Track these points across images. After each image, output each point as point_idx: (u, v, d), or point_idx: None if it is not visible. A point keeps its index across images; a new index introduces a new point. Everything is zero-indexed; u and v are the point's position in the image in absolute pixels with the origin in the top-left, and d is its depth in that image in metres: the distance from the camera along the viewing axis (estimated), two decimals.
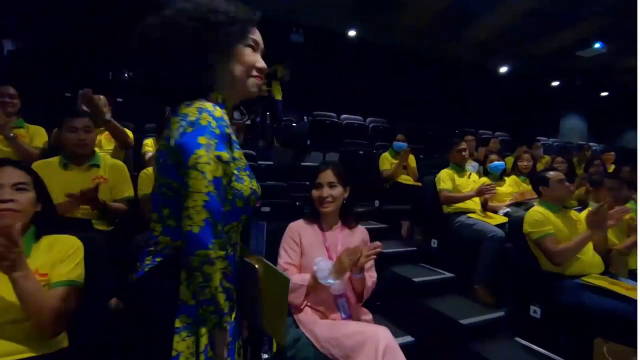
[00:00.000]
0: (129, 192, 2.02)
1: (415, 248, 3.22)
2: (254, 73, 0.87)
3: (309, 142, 5.83)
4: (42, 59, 4.84)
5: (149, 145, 2.88)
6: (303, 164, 5.22)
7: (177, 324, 0.79)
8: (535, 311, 2.22)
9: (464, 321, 2.23)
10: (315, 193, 1.56)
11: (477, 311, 2.40)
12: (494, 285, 2.55)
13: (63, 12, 5.09)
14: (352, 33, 7.60)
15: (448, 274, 2.82)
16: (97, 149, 2.06)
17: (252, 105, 5.53)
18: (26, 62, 4.80)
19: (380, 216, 3.81)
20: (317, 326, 1.34)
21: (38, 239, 1.15)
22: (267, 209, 2.28)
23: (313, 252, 1.49)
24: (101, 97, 2.62)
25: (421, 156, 4.92)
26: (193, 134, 0.74)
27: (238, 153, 0.83)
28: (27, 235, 1.12)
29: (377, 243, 1.39)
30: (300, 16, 6.94)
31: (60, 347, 1.12)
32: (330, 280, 1.36)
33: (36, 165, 1.88)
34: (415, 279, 2.64)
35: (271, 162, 4.40)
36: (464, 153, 3.09)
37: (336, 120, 6.14)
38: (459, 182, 3.04)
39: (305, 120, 6.23)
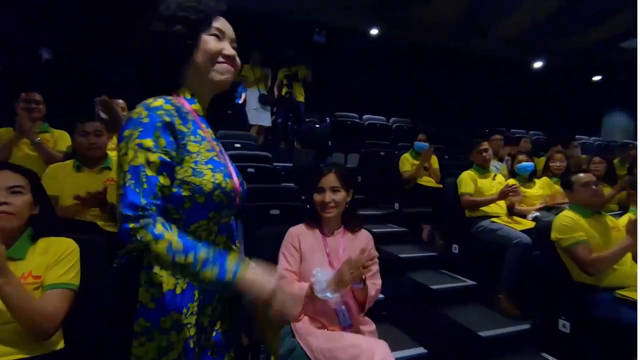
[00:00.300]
0: None
1: (435, 253, 3.07)
2: (220, 60, 0.83)
3: (330, 143, 5.78)
4: (67, 65, 5.09)
5: None
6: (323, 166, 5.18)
7: (136, 327, 0.75)
8: (564, 325, 2.04)
9: (483, 333, 2.09)
10: (317, 197, 1.49)
11: (499, 323, 2.25)
12: (519, 296, 2.38)
13: (82, 18, 5.31)
14: (374, 32, 7.47)
15: (469, 282, 2.66)
16: (110, 152, 2.11)
17: (273, 107, 5.57)
18: (53, 69, 5.07)
19: (400, 219, 3.69)
20: (312, 336, 1.28)
21: (35, 241, 1.17)
22: (276, 211, 2.24)
23: (313, 258, 1.43)
24: (120, 101, 2.69)
25: (446, 157, 4.73)
26: (122, 129, 0.73)
27: (196, 147, 0.78)
28: (23, 238, 1.14)
29: (373, 253, 1.31)
30: (322, 17, 6.91)
31: (54, 349, 1.13)
32: (328, 294, 1.29)
33: (52, 168, 1.95)
34: (433, 286, 2.51)
35: (290, 164, 4.38)
36: (485, 154, 2.91)
37: (358, 120, 6.04)
38: (482, 184, 2.87)
39: (328, 121, 6.18)
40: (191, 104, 0.83)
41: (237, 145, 3.87)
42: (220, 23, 0.84)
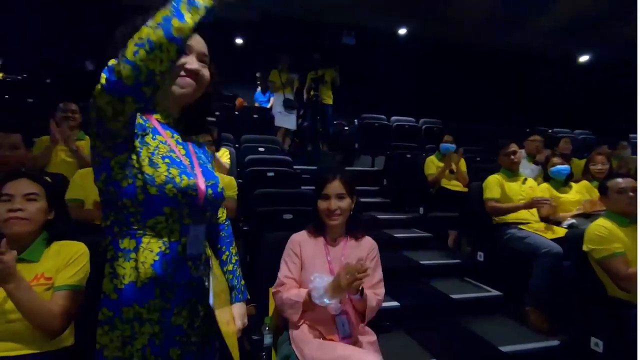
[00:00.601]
0: None
1: (459, 260, 2.94)
2: (181, 74, 0.85)
3: (357, 145, 5.72)
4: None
5: None
6: (350, 168, 5.15)
7: (100, 316, 0.80)
8: (596, 344, 1.87)
9: (505, 348, 1.97)
10: (322, 205, 1.47)
11: (524, 338, 2.11)
12: (548, 309, 2.21)
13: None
14: (402, 31, 7.31)
15: (494, 292, 2.52)
16: None
17: (299, 110, 5.61)
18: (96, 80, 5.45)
19: (424, 224, 3.57)
20: (307, 345, 1.27)
21: (49, 244, 1.25)
22: (289, 216, 2.25)
23: (314, 266, 1.41)
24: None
25: (478, 159, 4.52)
26: None
27: (155, 142, 0.81)
28: (38, 241, 1.22)
29: (368, 264, 1.26)
30: (350, 18, 6.87)
31: (64, 345, 1.20)
32: (326, 300, 1.27)
33: (79, 174, 2.09)
34: (453, 295, 2.40)
35: (314, 167, 4.39)
36: (513, 157, 2.74)
37: (386, 122, 5.93)
38: (510, 189, 2.70)
39: (356, 123, 6.13)
40: (152, 114, 0.87)
41: (261, 149, 3.94)
42: (191, 39, 0.85)
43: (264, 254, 1.69)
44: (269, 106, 5.81)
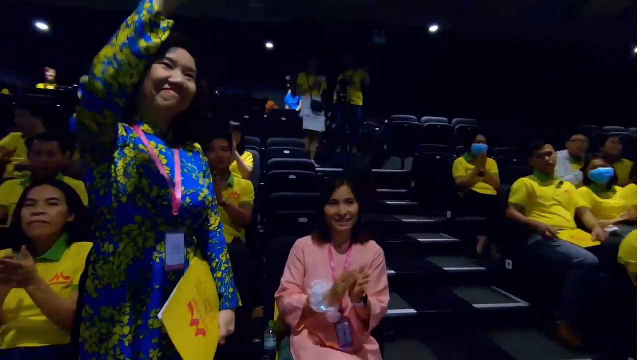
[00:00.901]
0: None
1: (484, 268, 2.80)
2: (165, 87, 0.89)
3: (385, 147, 5.63)
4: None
5: None
6: (378, 170, 5.08)
7: (83, 313, 0.88)
8: None
9: None
10: (330, 210, 1.46)
11: (555, 354, 1.97)
12: (582, 324, 2.05)
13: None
14: (433, 28, 7.08)
15: (522, 303, 2.37)
16: None
17: (327, 112, 5.62)
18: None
19: (452, 229, 3.44)
20: (305, 352, 1.27)
21: (69, 245, 1.36)
22: (304, 219, 2.26)
23: (317, 272, 1.41)
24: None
25: (515, 160, 4.28)
26: None
27: (134, 153, 0.86)
28: (59, 242, 1.33)
29: (366, 272, 1.23)
30: (380, 17, 6.77)
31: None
32: (323, 307, 1.26)
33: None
34: (476, 305, 2.29)
35: (341, 170, 4.38)
36: (547, 158, 2.56)
37: (416, 122, 5.78)
38: (542, 193, 2.53)
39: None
40: (140, 125, 0.92)
41: (286, 152, 4.00)
42: (176, 54, 0.90)
43: (272, 258, 1.71)
44: (298, 109, 5.88)
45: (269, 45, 7.95)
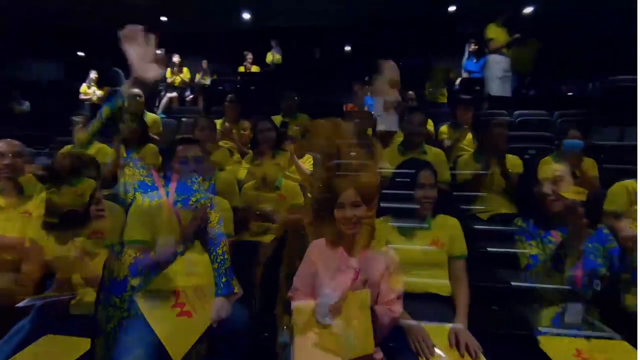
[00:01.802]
0: None
1: (568, 287, 2.35)
2: None
3: None
4: None
5: None
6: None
7: (100, 296, 1.13)
8: None
9: None
10: (338, 214, 1.46)
11: None
12: None
13: None
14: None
15: (612, 334, 1.94)
16: None
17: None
18: None
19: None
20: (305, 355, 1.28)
21: None
22: None
23: (326, 275, 1.42)
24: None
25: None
26: None
27: (131, 170, 1.10)
28: None
29: (369, 277, 1.19)
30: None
31: None
32: (327, 319, 1.27)
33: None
34: (542, 329, 1.96)
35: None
36: None
37: (508, 117, 5.16)
38: None
39: None
40: None
41: (352, 154, 3.98)
42: None
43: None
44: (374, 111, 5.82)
45: (347, 48, 8.08)
